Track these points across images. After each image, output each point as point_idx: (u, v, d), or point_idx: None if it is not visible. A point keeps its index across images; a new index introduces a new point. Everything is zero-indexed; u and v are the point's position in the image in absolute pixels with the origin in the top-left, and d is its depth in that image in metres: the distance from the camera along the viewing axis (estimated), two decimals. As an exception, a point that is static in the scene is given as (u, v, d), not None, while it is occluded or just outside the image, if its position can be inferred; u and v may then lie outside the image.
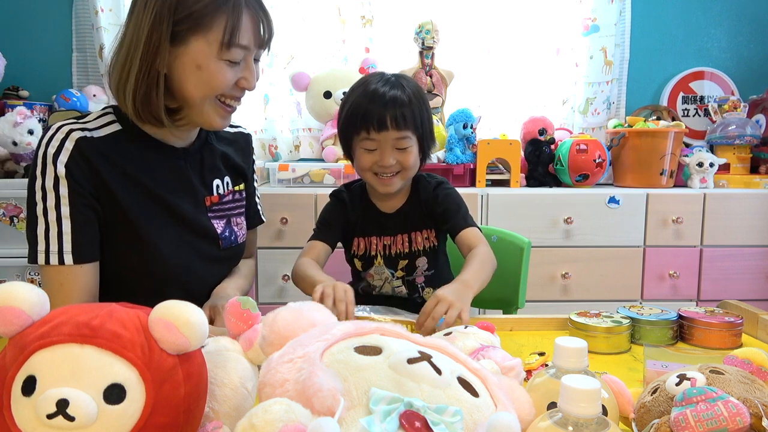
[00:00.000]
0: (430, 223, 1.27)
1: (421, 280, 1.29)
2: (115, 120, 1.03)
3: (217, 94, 1.00)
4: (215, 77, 0.97)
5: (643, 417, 0.61)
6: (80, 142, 0.96)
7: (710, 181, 2.13)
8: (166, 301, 0.50)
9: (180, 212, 1.05)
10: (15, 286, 0.48)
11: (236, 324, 0.65)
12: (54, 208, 0.95)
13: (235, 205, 1.18)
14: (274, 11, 2.30)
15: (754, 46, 2.52)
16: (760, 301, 1.98)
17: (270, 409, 0.44)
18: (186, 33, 0.94)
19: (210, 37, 0.95)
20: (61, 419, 0.43)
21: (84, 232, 0.96)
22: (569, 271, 1.99)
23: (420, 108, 1.18)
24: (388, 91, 1.15)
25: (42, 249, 0.95)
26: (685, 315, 0.98)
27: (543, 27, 2.40)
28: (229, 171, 1.18)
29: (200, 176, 1.11)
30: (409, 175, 1.22)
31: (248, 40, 0.99)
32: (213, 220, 1.12)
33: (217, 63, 0.97)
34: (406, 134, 1.16)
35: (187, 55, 0.95)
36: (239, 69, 1.00)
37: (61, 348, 0.46)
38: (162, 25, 0.92)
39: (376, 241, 1.28)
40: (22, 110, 1.96)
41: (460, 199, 1.27)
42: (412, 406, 0.46)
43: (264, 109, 2.41)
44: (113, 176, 0.98)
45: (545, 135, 2.22)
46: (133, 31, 0.95)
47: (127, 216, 0.99)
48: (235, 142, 1.22)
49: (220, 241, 1.13)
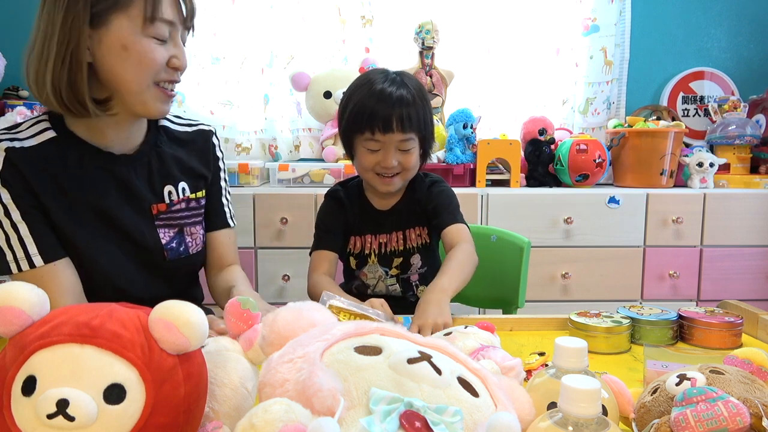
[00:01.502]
0: (423, 220, 1.28)
1: (415, 278, 1.29)
2: (49, 127, 0.98)
3: (152, 75, 0.94)
4: (145, 56, 0.92)
5: (643, 417, 0.61)
6: (9, 153, 0.93)
7: (710, 181, 2.13)
8: (166, 301, 0.50)
9: (117, 221, 1.01)
10: (15, 286, 0.48)
11: (236, 324, 0.65)
12: (5, 216, 0.93)
13: (189, 214, 1.10)
14: (274, 11, 2.33)
15: (754, 46, 2.52)
16: (760, 301, 1.98)
17: (270, 409, 0.44)
18: (105, 13, 0.89)
19: (131, 13, 0.90)
20: (61, 419, 0.43)
21: (42, 232, 0.94)
22: (569, 271, 1.99)
23: (423, 108, 1.18)
24: (395, 92, 1.14)
25: (11, 258, 0.93)
26: (685, 315, 0.98)
27: (543, 27, 2.40)
28: (186, 176, 1.10)
29: (148, 183, 1.05)
30: (410, 175, 1.23)
31: (172, 15, 0.95)
32: (160, 229, 1.06)
33: (144, 40, 0.92)
34: (410, 136, 1.16)
35: (110, 36, 0.90)
36: (168, 47, 0.96)
37: (61, 348, 0.46)
38: (77, 4, 0.88)
39: (371, 239, 1.28)
40: (22, 110, 1.96)
41: (452, 196, 1.27)
42: (412, 406, 0.46)
43: (264, 109, 2.41)
44: (45, 187, 0.95)
45: (545, 135, 2.22)
46: (48, 18, 0.89)
47: (60, 228, 0.96)
48: (191, 143, 1.13)
49: (165, 252, 1.06)
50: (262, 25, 2.35)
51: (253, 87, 2.39)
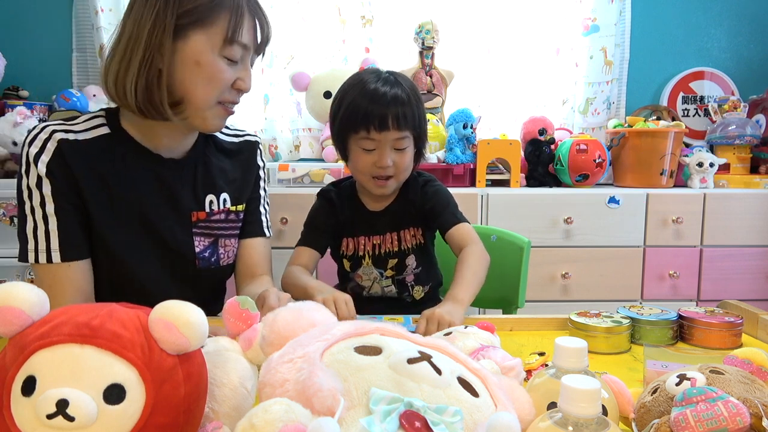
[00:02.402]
0: (418, 221, 1.26)
1: (411, 278, 1.28)
2: (104, 123, 1.00)
3: (218, 94, 0.98)
4: (215, 74, 0.95)
5: (643, 417, 0.61)
6: (62, 144, 0.95)
7: (710, 181, 2.13)
8: (166, 301, 0.50)
9: (153, 223, 1.02)
10: (15, 286, 0.48)
11: (235, 324, 0.65)
12: (39, 206, 0.94)
13: (227, 225, 1.12)
14: (274, 11, 2.33)
15: (754, 46, 2.52)
16: (760, 301, 1.98)
17: (270, 409, 0.44)
18: (187, 27, 0.92)
19: (212, 31, 0.93)
20: (61, 419, 0.43)
21: (70, 230, 0.95)
22: (569, 271, 1.99)
23: (418, 106, 1.18)
24: (389, 91, 1.14)
25: (32, 248, 0.95)
26: (685, 315, 0.98)
27: (543, 27, 2.40)
28: (229, 188, 1.12)
29: (192, 190, 1.07)
30: (403, 177, 1.22)
31: (248, 40, 0.98)
32: (196, 237, 1.07)
33: (217, 59, 0.95)
34: (405, 134, 1.16)
35: (186, 49, 0.93)
36: (237, 69, 0.99)
37: (61, 348, 0.45)
38: (166, 18, 0.90)
39: (364, 241, 1.27)
40: (22, 110, 1.96)
41: (448, 194, 1.27)
42: (412, 406, 0.46)
43: (264, 109, 2.41)
44: (89, 181, 0.96)
45: (545, 135, 2.22)
46: (134, 24, 0.92)
47: (97, 222, 0.97)
48: (238, 153, 1.16)
49: (197, 260, 1.07)
50: (262, 25, 2.35)
51: (252, 87, 2.38)
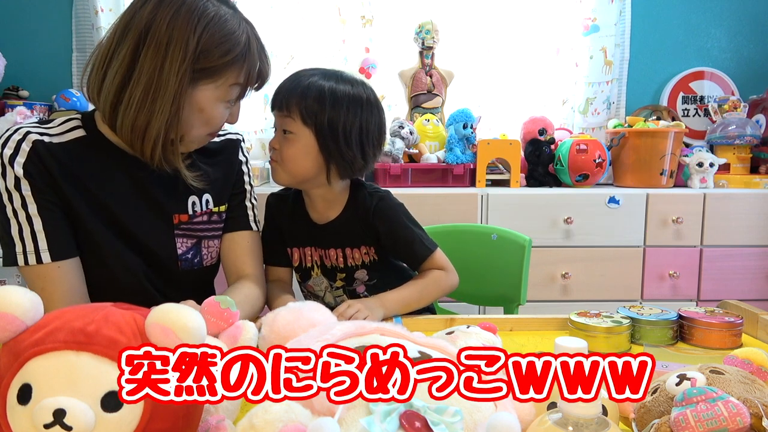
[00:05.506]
0: (370, 240, 1.14)
1: (362, 289, 1.18)
2: (79, 125, 0.99)
3: (212, 131, 1.01)
4: (213, 119, 0.98)
5: (643, 417, 0.61)
6: (37, 145, 0.93)
7: (710, 181, 2.13)
8: (162, 305, 0.49)
9: (133, 227, 1.01)
10: (7, 291, 0.47)
11: (216, 323, 0.65)
12: (21, 207, 0.93)
13: (210, 227, 1.10)
14: (274, 11, 2.33)
15: (754, 46, 2.52)
16: (760, 301, 1.98)
17: (270, 409, 0.44)
18: (198, 79, 0.93)
19: (219, 83, 0.95)
20: (58, 429, 0.42)
21: (56, 229, 0.95)
22: (569, 271, 1.99)
23: (334, 107, 1.06)
24: (306, 79, 1.08)
25: (20, 250, 0.93)
26: (685, 315, 0.98)
27: (543, 27, 2.40)
28: (212, 189, 1.10)
29: (173, 191, 1.05)
30: (290, 169, 1.09)
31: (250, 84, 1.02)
32: (178, 239, 1.06)
33: (219, 106, 0.98)
34: (291, 119, 1.06)
35: (193, 97, 0.94)
36: (231, 106, 1.02)
37: (57, 355, 0.45)
38: (187, 74, 0.91)
39: (311, 252, 1.17)
40: (22, 110, 1.96)
41: (407, 217, 1.14)
42: (412, 406, 0.46)
43: (264, 109, 2.41)
44: (68, 183, 0.95)
45: (545, 135, 2.22)
46: (152, 72, 0.90)
47: (81, 223, 0.97)
48: (218, 153, 1.13)
49: (179, 262, 1.06)
50: (262, 25, 2.35)
51: (253, 87, 2.39)
